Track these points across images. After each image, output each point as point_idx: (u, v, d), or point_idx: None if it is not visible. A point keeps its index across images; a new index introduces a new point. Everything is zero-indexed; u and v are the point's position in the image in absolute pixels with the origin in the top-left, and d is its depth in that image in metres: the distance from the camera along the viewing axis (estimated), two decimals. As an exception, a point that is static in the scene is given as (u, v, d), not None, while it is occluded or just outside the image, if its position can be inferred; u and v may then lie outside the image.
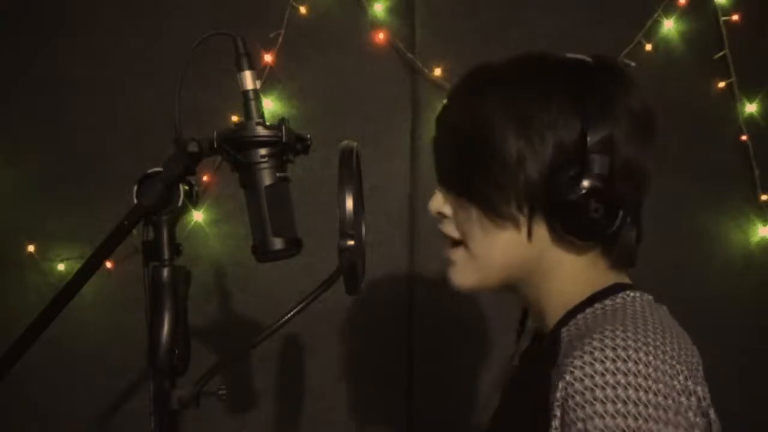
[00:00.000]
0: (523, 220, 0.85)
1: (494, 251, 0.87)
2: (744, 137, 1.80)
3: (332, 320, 1.73)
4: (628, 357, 0.73)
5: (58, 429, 1.71)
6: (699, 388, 0.77)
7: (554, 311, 0.88)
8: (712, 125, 1.82)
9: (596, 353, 0.74)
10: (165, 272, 0.91)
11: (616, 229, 0.82)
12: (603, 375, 0.72)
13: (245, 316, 1.73)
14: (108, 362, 1.68)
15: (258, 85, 0.92)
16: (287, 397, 1.76)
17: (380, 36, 1.72)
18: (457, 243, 0.91)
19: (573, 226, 0.82)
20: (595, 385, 0.72)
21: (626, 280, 0.90)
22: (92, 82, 1.71)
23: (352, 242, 0.84)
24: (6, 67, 1.71)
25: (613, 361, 0.73)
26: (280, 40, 1.69)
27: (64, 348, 1.65)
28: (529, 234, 0.85)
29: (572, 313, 0.85)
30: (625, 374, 0.72)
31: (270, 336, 0.84)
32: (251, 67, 0.92)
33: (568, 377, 0.74)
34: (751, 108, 1.80)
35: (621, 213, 0.82)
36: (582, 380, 0.73)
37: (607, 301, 0.85)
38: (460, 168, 0.88)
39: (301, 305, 0.83)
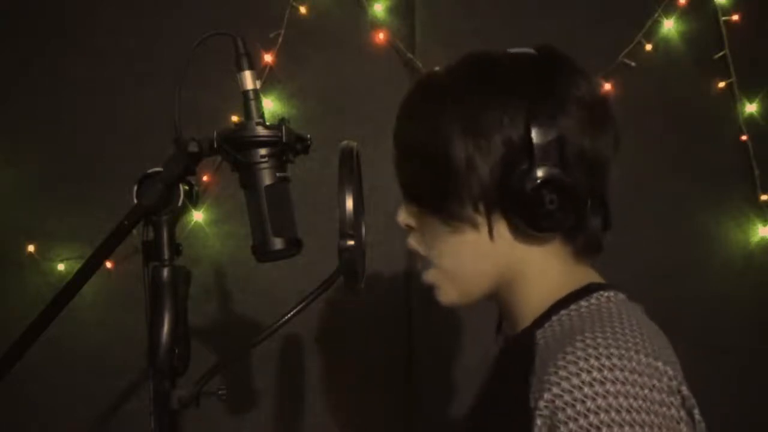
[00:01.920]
0: (481, 221, 0.84)
1: (461, 260, 0.88)
2: (744, 137, 1.80)
3: (332, 320, 1.73)
4: (614, 365, 0.72)
5: (58, 429, 1.71)
6: (683, 388, 0.76)
7: (528, 314, 0.87)
8: (712, 125, 1.82)
9: (581, 363, 0.73)
10: (165, 272, 0.91)
11: (577, 218, 0.82)
12: (591, 385, 0.71)
13: (245, 316, 1.73)
14: (108, 362, 1.68)
15: (258, 85, 0.92)
16: (287, 397, 1.76)
17: (380, 36, 1.72)
18: (429, 264, 0.91)
19: (531, 219, 0.82)
20: (585, 396, 0.71)
21: (598, 278, 0.89)
22: (92, 82, 1.71)
23: (352, 242, 0.84)
24: (6, 67, 1.71)
25: (599, 369, 0.72)
26: (280, 40, 1.69)
27: (64, 348, 1.65)
28: (490, 233, 0.85)
29: (546, 316, 0.85)
30: (613, 382, 0.71)
31: (270, 336, 0.84)
32: (251, 67, 0.92)
33: (555, 389, 0.73)
34: (751, 108, 1.80)
35: (579, 202, 0.82)
36: (571, 392, 0.72)
37: (582, 302, 0.84)
38: (413, 179, 0.89)
39: (301, 305, 0.83)
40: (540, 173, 0.80)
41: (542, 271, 0.87)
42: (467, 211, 0.84)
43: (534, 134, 0.80)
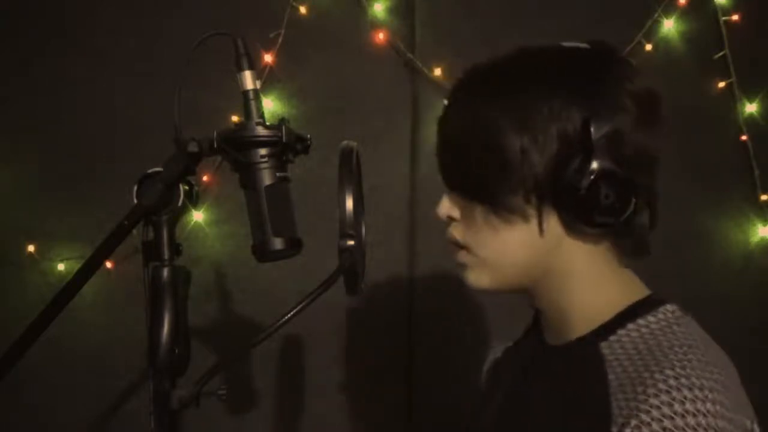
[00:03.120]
0: (532, 213, 0.82)
1: (505, 251, 0.85)
2: (744, 137, 1.80)
3: (332, 320, 1.73)
4: (705, 397, 0.72)
5: (58, 429, 1.71)
6: (755, 426, 0.77)
7: (579, 319, 0.85)
8: (712, 125, 1.82)
9: (674, 392, 0.72)
10: (165, 272, 0.90)
11: (629, 215, 0.80)
12: (683, 416, 0.71)
13: (245, 316, 1.73)
14: (108, 362, 1.68)
15: (258, 85, 0.92)
16: (287, 397, 1.76)
17: (380, 36, 1.72)
18: (467, 250, 0.89)
19: (584, 214, 0.80)
20: (675, 427, 0.70)
21: (644, 286, 0.88)
22: (92, 82, 1.71)
23: (352, 242, 0.84)
24: (6, 67, 1.71)
25: (693, 402, 0.71)
26: (280, 40, 1.69)
27: (64, 348, 1.65)
28: (540, 227, 0.83)
29: (609, 328, 0.83)
30: (705, 415, 0.71)
31: (270, 336, 0.84)
32: (251, 67, 0.92)
33: (644, 416, 0.71)
34: (751, 108, 1.80)
35: (633, 197, 0.80)
36: (661, 421, 0.71)
37: (650, 317, 0.82)
38: (464, 169, 0.86)
39: (301, 305, 0.83)
40: (596, 167, 0.78)
41: (591, 273, 0.85)
42: (519, 202, 0.82)
43: (593, 128, 0.78)
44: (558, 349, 0.90)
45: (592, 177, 0.78)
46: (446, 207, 0.90)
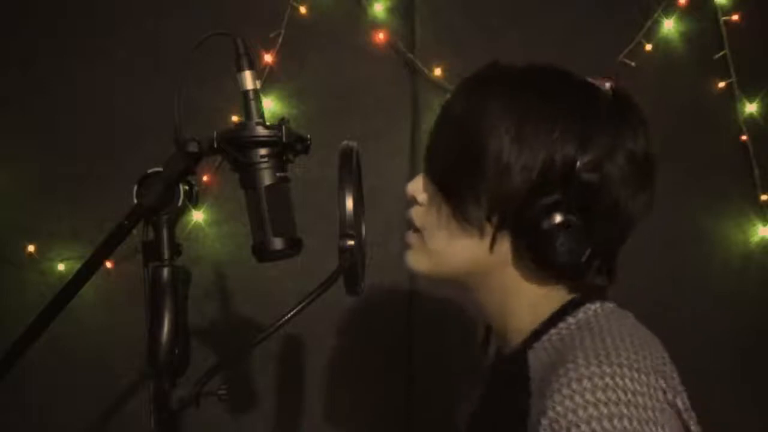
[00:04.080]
0: (488, 230, 0.83)
1: (452, 250, 0.87)
2: (744, 137, 1.80)
3: (332, 320, 1.73)
4: (606, 385, 0.72)
5: (58, 429, 1.71)
6: (678, 399, 0.76)
7: (517, 331, 0.87)
8: (712, 125, 1.82)
9: (574, 385, 0.72)
10: (165, 272, 0.90)
11: (579, 269, 0.80)
12: (585, 408, 0.71)
13: (245, 316, 1.73)
14: (108, 362, 1.68)
15: (258, 85, 0.92)
16: (287, 397, 1.76)
17: (380, 36, 1.72)
18: (416, 229, 0.91)
19: (535, 252, 0.81)
20: (579, 420, 0.70)
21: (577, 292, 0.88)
22: (92, 82, 1.71)
23: (352, 242, 0.84)
24: (6, 67, 1.71)
25: (592, 391, 0.71)
26: (280, 40, 1.69)
27: (64, 348, 1.65)
28: (491, 246, 0.84)
29: (535, 335, 0.84)
30: (606, 403, 0.71)
31: (270, 336, 0.84)
32: (251, 67, 0.92)
33: (550, 413, 0.72)
34: (751, 108, 1.80)
35: (588, 254, 0.79)
36: (566, 415, 0.71)
37: (570, 318, 0.83)
38: (447, 159, 0.87)
39: (301, 305, 0.83)
40: (564, 213, 0.78)
41: (534, 296, 0.86)
42: (480, 216, 0.83)
43: (578, 166, 0.78)
44: (502, 359, 0.93)
45: (556, 221, 0.78)
46: (416, 187, 0.91)
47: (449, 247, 0.87)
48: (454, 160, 0.85)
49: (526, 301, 0.87)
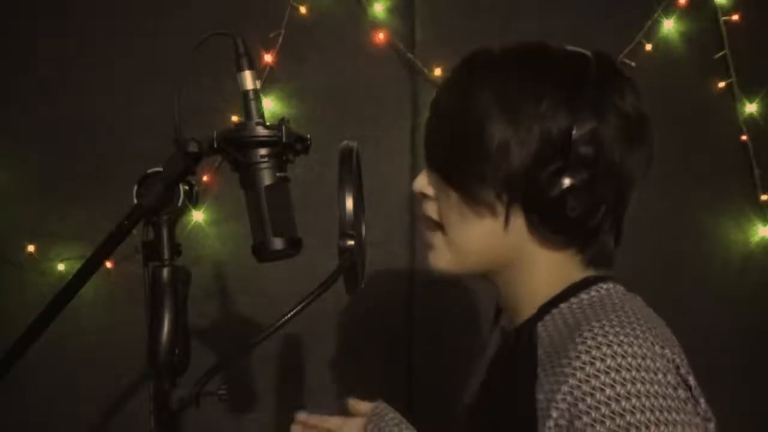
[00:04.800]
0: (500, 209, 0.84)
1: (471, 237, 0.87)
2: (744, 137, 1.80)
3: (332, 320, 1.73)
4: (626, 352, 0.73)
5: (58, 429, 1.71)
6: (690, 376, 0.77)
7: (527, 307, 0.88)
8: (712, 125, 1.82)
9: (593, 351, 0.74)
10: (165, 272, 0.90)
11: (593, 229, 0.82)
12: (607, 373, 0.72)
13: (245, 316, 1.73)
14: (108, 362, 1.68)
15: (258, 85, 0.92)
16: (287, 397, 1.76)
17: (380, 36, 1.72)
18: (435, 227, 0.91)
19: (549, 221, 0.82)
20: (603, 385, 0.72)
21: (595, 272, 0.89)
22: (92, 82, 1.71)
23: (352, 242, 0.84)
24: (6, 67, 1.71)
25: (613, 357, 0.73)
26: (280, 40, 1.69)
27: (64, 348, 1.65)
28: (506, 223, 0.84)
29: (546, 309, 0.85)
30: (628, 369, 0.72)
31: (270, 336, 0.84)
32: (251, 67, 0.92)
33: (571, 380, 0.73)
34: (751, 108, 1.80)
35: (599, 213, 0.81)
36: (588, 381, 0.72)
37: (583, 295, 0.85)
38: (445, 150, 0.88)
39: (301, 305, 0.83)
40: (569, 178, 0.80)
41: (548, 271, 0.87)
42: (489, 196, 0.84)
43: (575, 135, 0.79)
44: (508, 335, 0.93)
45: (563, 187, 0.80)
46: (422, 183, 0.92)
47: (466, 233, 0.87)
48: (454, 149, 0.86)
49: (539, 275, 0.87)
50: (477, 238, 0.87)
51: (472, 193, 0.85)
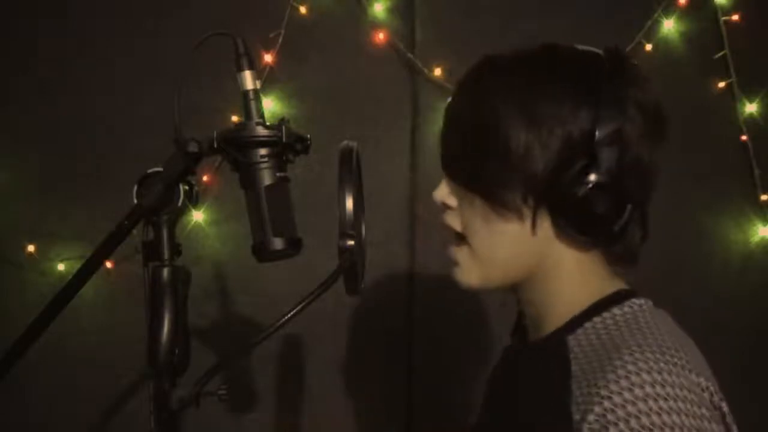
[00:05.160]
0: (527, 213, 0.83)
1: (497, 245, 0.86)
2: (744, 137, 1.80)
3: (332, 320, 1.73)
4: (665, 380, 0.72)
5: (58, 429, 1.71)
6: (723, 403, 0.77)
7: (555, 317, 0.86)
8: (712, 125, 1.82)
9: (632, 377, 0.73)
10: (165, 272, 0.90)
11: (621, 226, 0.81)
12: (645, 401, 0.71)
13: (245, 316, 1.73)
14: (108, 362, 1.68)
15: (258, 85, 0.92)
16: (287, 397, 1.76)
17: (380, 36, 1.72)
18: (459, 241, 0.89)
19: (576, 222, 0.81)
20: (639, 412, 0.71)
21: (625, 284, 0.89)
22: (92, 82, 1.71)
23: (352, 242, 0.84)
24: (6, 67, 1.71)
25: (652, 385, 0.72)
26: (280, 40, 1.69)
27: (64, 348, 1.65)
28: (533, 227, 0.83)
29: (578, 321, 0.84)
30: (665, 399, 0.71)
31: (270, 336, 0.84)
32: (251, 67, 0.92)
33: (606, 403, 0.72)
34: (751, 108, 1.80)
35: (627, 210, 0.81)
36: (624, 406, 0.71)
37: (616, 310, 0.84)
38: (466, 158, 0.86)
39: (301, 305, 0.83)
40: (594, 177, 0.79)
41: (575, 274, 0.86)
42: (516, 200, 0.83)
43: (597, 134, 0.79)
44: (534, 345, 0.92)
45: (589, 186, 0.79)
46: (443, 193, 0.90)
47: (492, 241, 0.86)
48: (476, 157, 0.85)
49: (568, 284, 0.86)
50: (504, 245, 0.86)
51: (498, 198, 0.83)
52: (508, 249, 0.86)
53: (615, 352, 0.76)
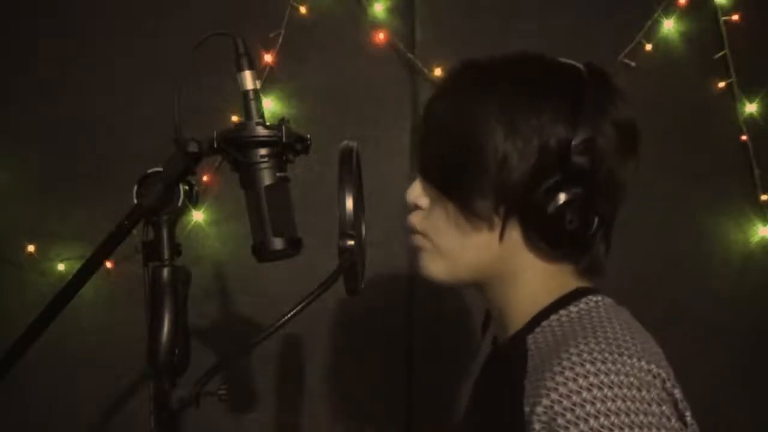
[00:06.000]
0: (497, 222, 0.84)
1: (465, 249, 0.87)
2: (744, 137, 1.80)
3: (332, 320, 1.73)
4: (609, 369, 0.73)
5: (58, 429, 1.71)
6: (676, 390, 0.77)
7: (517, 317, 0.88)
8: (712, 125, 1.82)
9: (577, 368, 0.74)
10: (165, 272, 0.90)
11: (588, 240, 0.83)
12: (589, 389, 0.72)
13: (245, 316, 1.73)
14: (108, 362, 1.68)
15: (258, 85, 0.92)
16: (287, 397, 1.76)
17: (380, 36, 1.72)
18: (421, 235, 0.91)
19: (546, 235, 0.82)
20: (584, 401, 0.72)
21: (585, 283, 0.90)
22: (92, 82, 1.71)
23: (352, 242, 0.84)
24: (6, 67, 1.71)
25: (596, 374, 0.73)
26: (280, 40, 1.69)
27: (64, 348, 1.65)
28: (501, 236, 0.85)
29: (536, 320, 0.85)
30: (610, 386, 0.72)
31: (270, 336, 0.84)
32: (251, 67, 0.92)
33: (553, 395, 0.73)
34: (751, 108, 1.80)
35: (594, 225, 0.82)
36: (569, 396, 0.72)
37: (572, 308, 0.85)
38: (442, 162, 0.88)
39: (301, 305, 0.83)
40: (567, 192, 0.80)
41: (539, 281, 0.87)
42: (488, 209, 0.84)
43: (573, 148, 0.80)
44: (501, 346, 0.93)
45: (561, 201, 0.80)
46: (416, 194, 0.91)
47: (462, 246, 0.87)
48: (454, 162, 0.86)
49: (530, 285, 0.87)
50: (470, 250, 0.87)
51: (470, 206, 0.85)
52: (474, 254, 0.87)
53: (563, 345, 0.78)
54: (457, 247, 0.88)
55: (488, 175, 0.82)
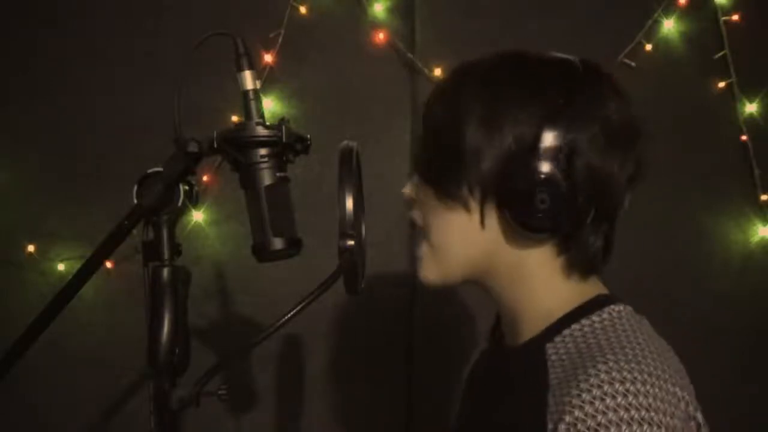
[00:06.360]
0: (474, 205, 0.85)
1: (448, 236, 0.88)
2: (744, 137, 1.80)
3: (332, 320, 1.73)
4: (638, 390, 0.73)
5: (58, 429, 1.71)
6: (698, 413, 0.77)
7: (531, 321, 0.87)
8: (712, 125, 1.82)
9: (605, 387, 0.73)
10: (165, 272, 0.90)
11: (569, 227, 0.82)
12: (616, 411, 0.71)
13: (245, 316, 1.73)
14: (108, 362, 1.68)
15: (258, 85, 0.92)
16: (287, 397, 1.76)
17: (380, 36, 1.72)
18: (422, 236, 0.92)
19: (519, 214, 0.82)
20: (609, 422, 0.71)
21: (604, 289, 0.89)
22: (92, 82, 1.71)
23: (352, 242, 0.84)
24: (6, 67, 1.71)
25: (624, 395, 0.72)
26: (280, 40, 1.69)
27: (64, 348, 1.65)
28: (482, 220, 0.85)
29: (556, 329, 0.84)
30: (637, 408, 0.72)
31: (270, 336, 0.84)
32: (251, 67, 0.92)
33: (577, 413, 0.73)
34: (751, 108, 1.80)
35: (573, 210, 0.81)
36: (594, 417, 0.72)
37: (594, 317, 0.84)
38: (424, 154, 0.90)
39: (301, 305, 0.83)
40: (539, 173, 0.80)
41: (542, 277, 0.87)
42: (462, 192, 0.85)
43: (544, 137, 0.80)
44: (511, 352, 0.92)
45: (532, 180, 0.80)
46: (409, 188, 0.93)
47: (444, 233, 0.88)
48: (434, 153, 0.89)
49: (537, 286, 0.87)
50: (454, 236, 0.88)
51: (445, 189, 0.86)
52: (458, 241, 0.88)
53: (590, 361, 0.77)
54: (442, 236, 0.89)
55: (462, 160, 0.84)
